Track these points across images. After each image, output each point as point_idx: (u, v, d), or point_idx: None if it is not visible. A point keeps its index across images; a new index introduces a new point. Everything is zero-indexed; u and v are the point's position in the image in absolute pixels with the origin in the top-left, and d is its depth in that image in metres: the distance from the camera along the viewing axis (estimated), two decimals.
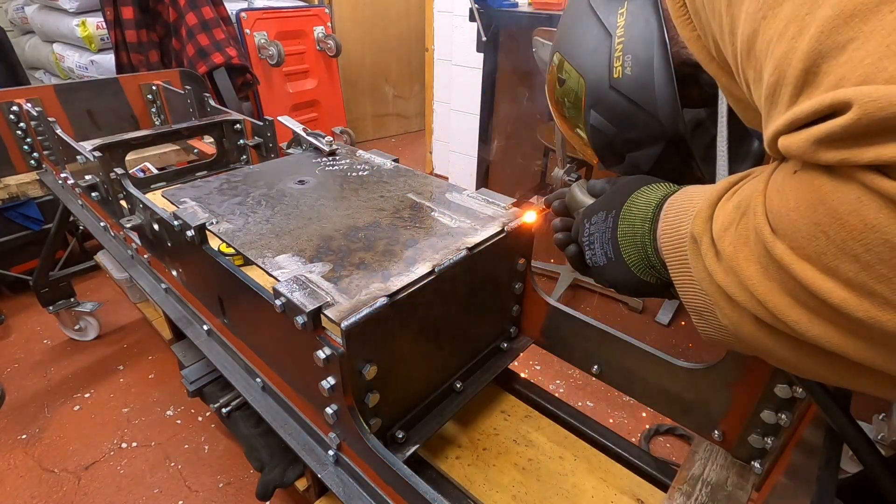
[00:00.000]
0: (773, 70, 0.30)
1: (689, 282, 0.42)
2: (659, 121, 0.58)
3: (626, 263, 0.50)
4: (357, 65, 3.87)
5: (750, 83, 0.36)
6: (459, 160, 3.19)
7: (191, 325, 0.92)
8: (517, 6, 2.13)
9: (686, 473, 0.67)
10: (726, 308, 0.36)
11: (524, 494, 0.71)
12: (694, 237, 0.38)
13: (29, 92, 1.45)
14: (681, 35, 0.49)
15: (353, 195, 0.88)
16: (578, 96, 0.63)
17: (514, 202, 0.82)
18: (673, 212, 0.45)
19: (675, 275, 0.44)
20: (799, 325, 0.31)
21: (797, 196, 0.29)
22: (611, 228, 0.51)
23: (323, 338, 0.57)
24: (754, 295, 0.33)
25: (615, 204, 0.52)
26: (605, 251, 0.52)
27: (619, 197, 0.52)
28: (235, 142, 1.35)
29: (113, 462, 1.51)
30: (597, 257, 0.53)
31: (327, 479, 0.66)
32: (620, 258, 0.50)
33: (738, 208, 0.35)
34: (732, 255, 0.34)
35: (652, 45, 0.56)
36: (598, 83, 0.60)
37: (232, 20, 2.41)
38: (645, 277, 0.49)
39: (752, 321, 0.35)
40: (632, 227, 0.49)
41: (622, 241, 0.50)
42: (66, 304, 1.90)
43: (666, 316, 2.08)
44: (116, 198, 1.06)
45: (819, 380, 0.41)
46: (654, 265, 0.48)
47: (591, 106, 0.62)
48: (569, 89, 0.64)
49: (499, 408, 0.85)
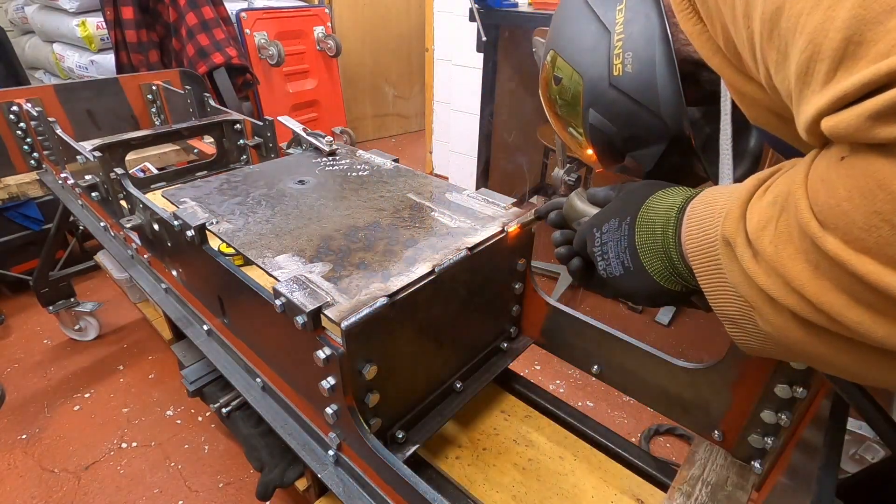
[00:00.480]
0: (806, 45, 0.28)
1: (723, 288, 0.39)
2: (662, 119, 0.57)
3: (648, 272, 0.47)
4: (357, 65, 3.86)
5: (771, 67, 0.34)
6: (459, 160, 3.19)
7: (191, 325, 0.92)
8: (517, 6, 2.13)
9: (686, 473, 0.67)
10: (769, 313, 0.34)
11: (524, 494, 0.71)
12: (726, 239, 0.36)
13: (29, 92, 1.45)
14: (683, 29, 0.48)
15: (353, 195, 0.88)
16: (575, 95, 0.62)
17: (514, 202, 0.82)
18: (697, 215, 0.42)
19: (704, 281, 0.41)
20: (862, 327, 0.28)
21: (849, 184, 0.27)
22: (627, 236, 0.48)
23: (323, 338, 0.57)
24: (804, 296, 0.30)
25: (629, 210, 0.49)
26: (621, 261, 0.49)
27: (633, 203, 0.49)
28: (235, 142, 1.35)
29: (113, 462, 1.51)
30: (612, 268, 0.50)
31: (327, 479, 0.66)
32: (641, 267, 0.47)
33: (775, 204, 0.33)
34: (774, 255, 0.32)
35: (653, 42, 0.55)
36: (597, 81, 0.59)
37: (232, 20, 2.41)
38: (669, 286, 0.46)
39: (801, 325, 0.32)
40: (652, 234, 0.46)
41: (642, 248, 0.47)
42: (66, 304, 1.90)
43: (666, 316, 2.08)
44: (116, 198, 1.06)
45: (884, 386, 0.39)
46: (681, 272, 0.45)
47: (589, 105, 0.61)
48: (564, 88, 0.63)
49: (499, 408, 0.85)
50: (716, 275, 0.39)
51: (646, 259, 0.47)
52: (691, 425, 0.71)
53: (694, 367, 0.67)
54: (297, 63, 3.08)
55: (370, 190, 0.89)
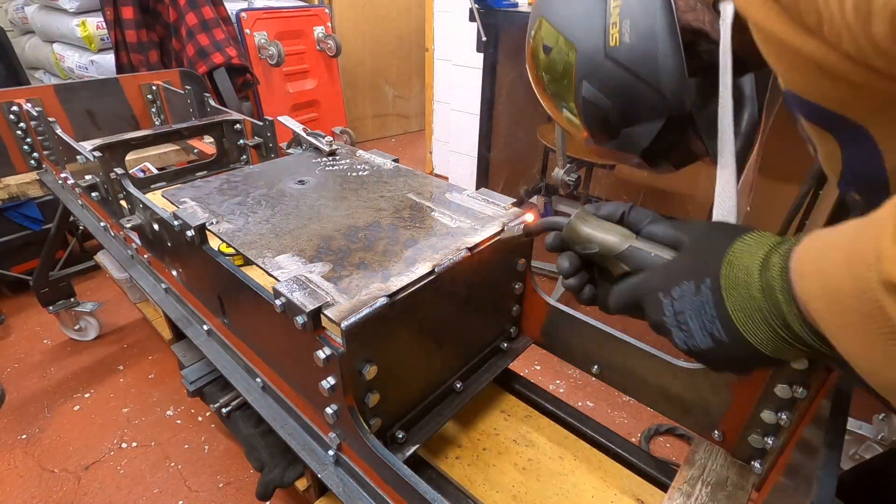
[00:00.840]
0: None
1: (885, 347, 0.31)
2: (661, 93, 0.53)
3: (749, 342, 0.40)
4: (357, 65, 3.87)
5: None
6: (459, 160, 3.19)
7: (191, 325, 0.92)
8: (517, 6, 2.13)
9: (686, 473, 0.67)
10: None
11: (524, 494, 0.71)
12: (891, 284, 0.29)
13: (29, 92, 1.45)
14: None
15: (353, 195, 0.88)
16: (567, 67, 0.57)
17: (513, 202, 0.82)
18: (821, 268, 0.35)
19: (849, 345, 0.34)
20: None
21: None
22: (712, 303, 0.41)
23: (323, 338, 0.57)
24: None
25: (704, 270, 0.41)
26: (709, 332, 0.42)
27: (706, 259, 0.42)
28: (235, 142, 1.35)
29: (113, 462, 1.51)
30: (696, 340, 0.43)
31: (327, 479, 0.66)
32: (739, 337, 0.40)
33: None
34: None
35: (653, 10, 0.51)
36: (591, 52, 0.55)
37: (232, 20, 2.41)
38: (777, 355, 0.40)
39: None
40: (749, 299, 0.39)
41: (738, 316, 0.40)
42: (66, 304, 1.90)
43: None
44: (116, 198, 1.06)
45: None
46: (802, 338, 0.38)
47: (583, 77, 0.57)
48: (555, 60, 0.58)
49: (499, 408, 0.85)
50: (871, 333, 0.32)
51: (746, 328, 0.40)
52: (691, 425, 0.71)
53: (694, 367, 0.67)
54: (297, 63, 3.08)
55: (370, 190, 0.89)
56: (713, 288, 0.41)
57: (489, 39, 2.14)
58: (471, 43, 2.37)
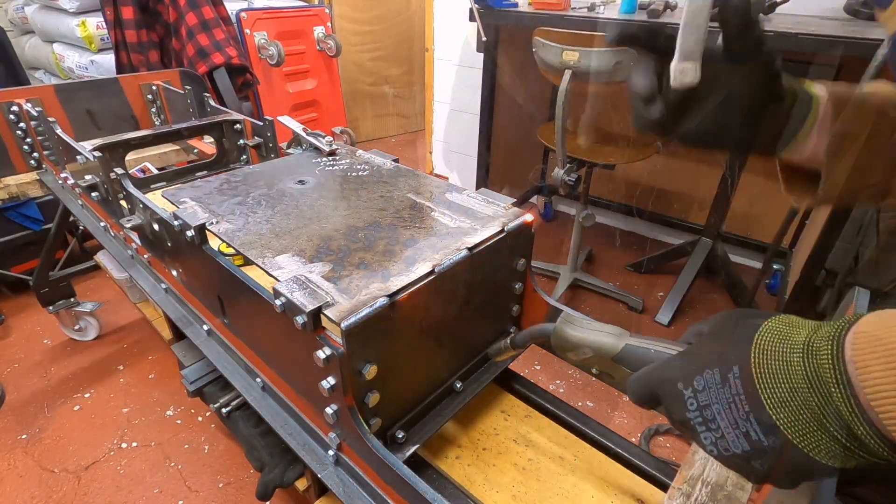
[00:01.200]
0: None
1: None
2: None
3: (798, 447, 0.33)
4: (357, 64, 3.87)
5: None
6: (459, 160, 3.19)
7: (191, 325, 0.92)
8: (517, 6, 2.13)
9: (686, 473, 0.67)
10: None
11: (524, 494, 0.71)
12: None
13: (29, 92, 1.45)
14: None
15: (353, 195, 0.88)
16: None
17: (513, 202, 0.82)
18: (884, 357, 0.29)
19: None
20: None
21: None
22: (743, 396, 0.34)
23: (323, 338, 0.57)
24: None
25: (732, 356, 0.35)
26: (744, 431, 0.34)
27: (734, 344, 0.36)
28: (235, 142, 1.35)
29: (113, 462, 1.52)
30: (729, 443, 0.35)
31: (327, 479, 0.66)
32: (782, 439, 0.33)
33: None
34: None
35: None
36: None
37: (232, 20, 2.41)
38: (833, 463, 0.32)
39: None
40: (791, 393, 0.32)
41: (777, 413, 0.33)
42: (66, 304, 1.90)
43: (666, 316, 2.08)
44: (116, 198, 1.06)
45: None
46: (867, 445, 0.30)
47: None
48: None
49: (499, 408, 0.85)
50: None
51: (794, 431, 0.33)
52: None
53: None
54: (297, 63, 3.08)
55: (370, 190, 0.89)
56: (742, 378, 0.34)
57: (489, 39, 2.14)
58: (471, 43, 2.37)
